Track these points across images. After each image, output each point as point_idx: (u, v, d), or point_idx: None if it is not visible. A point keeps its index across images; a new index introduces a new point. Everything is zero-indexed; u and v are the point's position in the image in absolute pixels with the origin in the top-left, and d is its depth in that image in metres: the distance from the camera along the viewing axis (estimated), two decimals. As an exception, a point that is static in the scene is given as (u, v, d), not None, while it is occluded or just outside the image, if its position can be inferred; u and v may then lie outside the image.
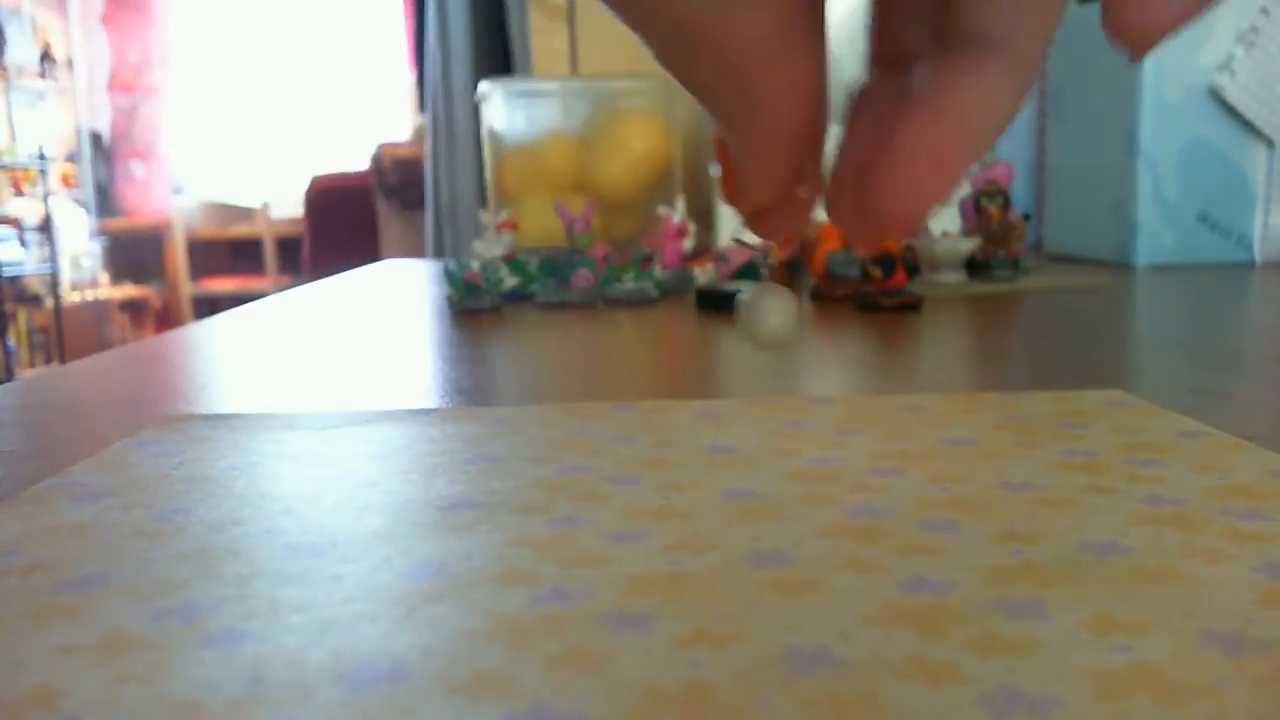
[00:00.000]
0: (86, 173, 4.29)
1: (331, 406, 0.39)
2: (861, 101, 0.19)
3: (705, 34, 0.16)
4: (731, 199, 0.20)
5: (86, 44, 4.34)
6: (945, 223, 1.07)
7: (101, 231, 4.30)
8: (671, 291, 0.79)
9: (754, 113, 0.17)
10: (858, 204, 0.17)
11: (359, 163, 3.38)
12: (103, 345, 3.94)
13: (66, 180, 4.12)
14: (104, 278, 4.28)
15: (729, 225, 1.19)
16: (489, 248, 0.85)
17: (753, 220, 0.20)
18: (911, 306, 0.65)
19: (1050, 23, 0.17)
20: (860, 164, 0.17)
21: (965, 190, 0.82)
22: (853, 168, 0.18)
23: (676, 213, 0.84)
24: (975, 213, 0.81)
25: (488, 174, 1.14)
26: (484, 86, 1.13)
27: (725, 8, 0.16)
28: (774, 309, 0.29)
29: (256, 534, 0.24)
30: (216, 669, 0.17)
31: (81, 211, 4.17)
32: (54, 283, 3.64)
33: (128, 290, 4.29)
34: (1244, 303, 0.65)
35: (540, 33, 1.45)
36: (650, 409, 0.37)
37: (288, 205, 4.14)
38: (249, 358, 0.52)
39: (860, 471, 0.28)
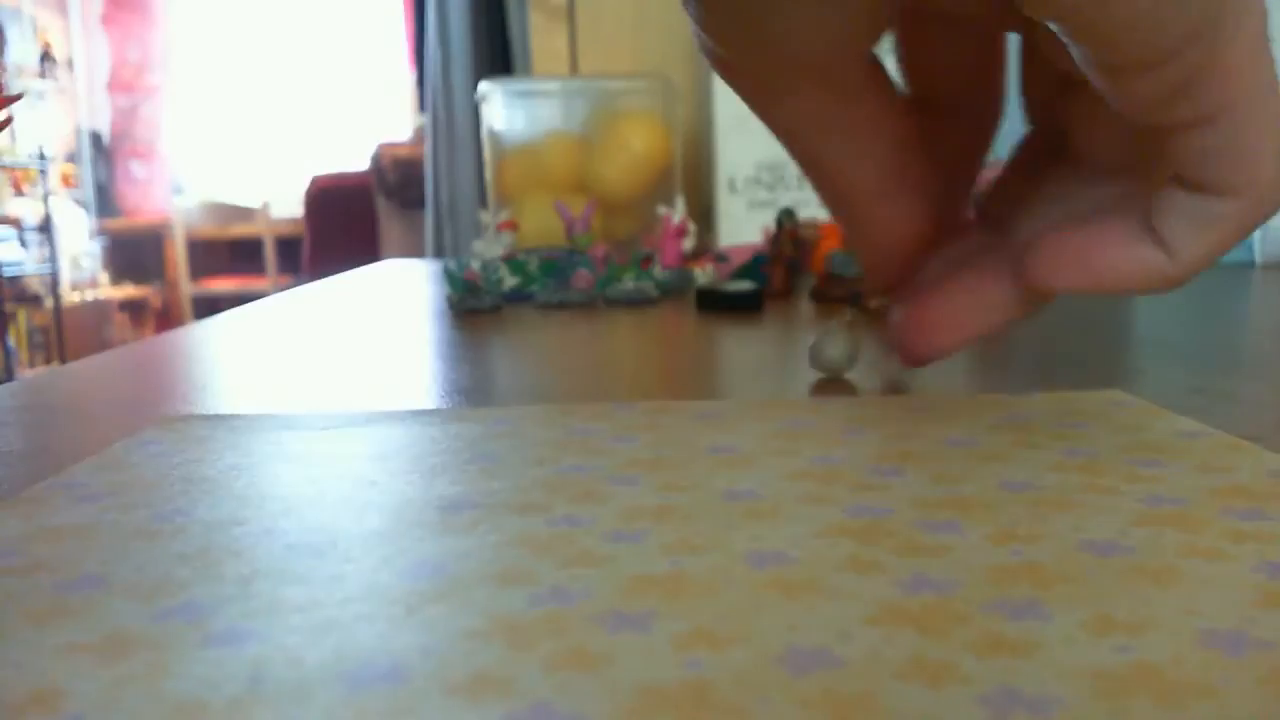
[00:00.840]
0: (86, 173, 4.29)
1: (331, 406, 0.39)
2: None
3: (822, 167, 0.21)
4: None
5: (86, 44, 4.34)
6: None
7: (101, 231, 4.30)
8: (671, 291, 0.79)
9: (862, 238, 0.22)
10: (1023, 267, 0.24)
11: (359, 163, 3.38)
12: (103, 345, 3.94)
13: (66, 180, 4.12)
14: (104, 278, 4.28)
15: (729, 225, 1.19)
16: (489, 248, 0.85)
17: (904, 339, 0.26)
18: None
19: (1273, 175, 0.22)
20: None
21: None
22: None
23: (676, 213, 0.84)
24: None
25: (488, 174, 1.14)
26: (484, 86, 1.13)
27: (837, 153, 0.21)
28: (835, 344, 0.42)
29: (257, 534, 0.24)
30: (217, 668, 0.17)
31: (81, 211, 4.17)
32: (54, 283, 3.64)
33: (128, 290, 4.29)
34: (1244, 303, 0.65)
35: (540, 33, 1.45)
36: (650, 409, 0.37)
37: (288, 205, 4.14)
38: (249, 358, 0.52)
39: (860, 471, 0.28)
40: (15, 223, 3.61)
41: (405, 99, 3.97)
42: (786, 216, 0.78)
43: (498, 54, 2.06)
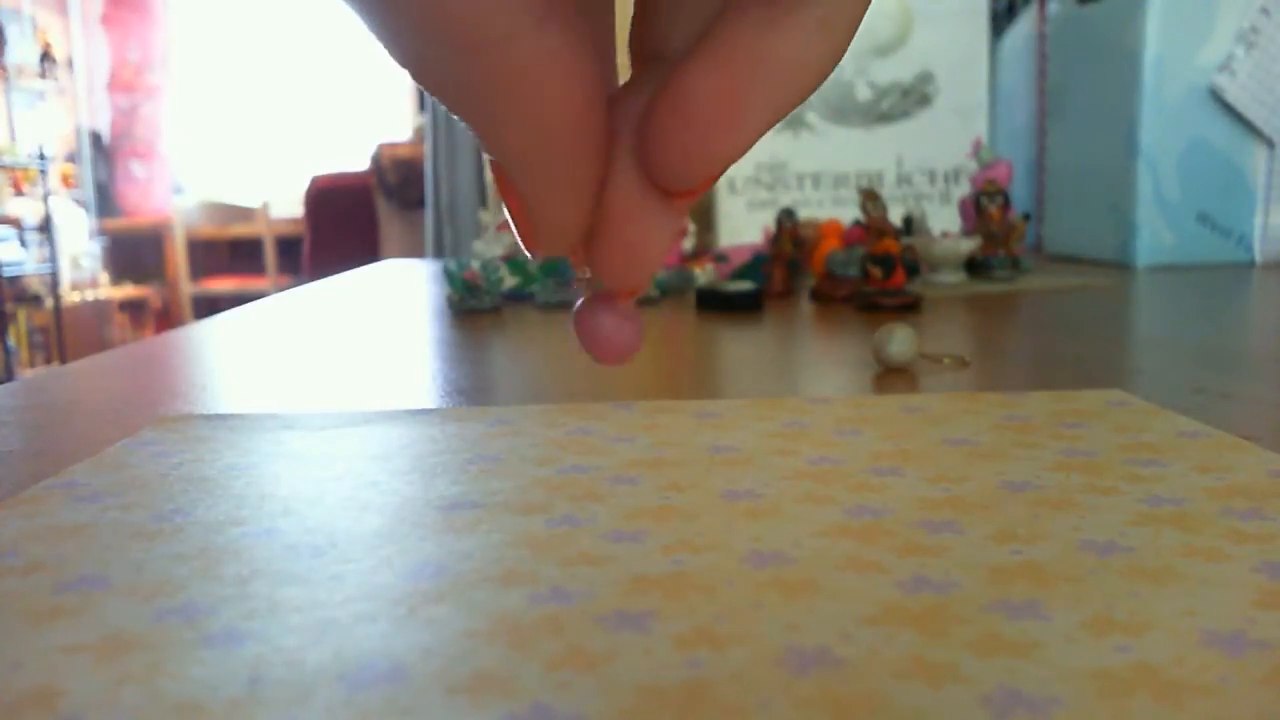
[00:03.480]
0: (86, 173, 4.29)
1: (331, 406, 0.39)
2: (623, 91, 0.16)
3: (442, 10, 0.13)
4: (533, 241, 0.16)
5: (86, 44, 4.34)
6: (945, 223, 1.07)
7: (101, 231, 4.30)
8: (671, 291, 0.79)
9: (511, 97, 0.14)
10: (642, 162, 0.15)
11: (359, 163, 3.38)
12: (103, 345, 3.94)
13: (66, 180, 4.12)
14: (104, 278, 4.28)
15: (729, 225, 1.19)
16: (489, 248, 0.85)
17: (597, 252, 0.16)
18: (911, 306, 0.65)
19: None
20: (639, 117, 0.15)
21: (965, 190, 0.81)
22: (629, 124, 0.15)
23: (676, 213, 0.84)
24: (975, 213, 0.81)
25: (488, 174, 1.14)
26: (484, 86, 1.12)
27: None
28: (897, 340, 0.43)
29: (256, 534, 0.24)
30: (216, 669, 0.17)
31: (81, 211, 4.17)
32: (54, 283, 3.64)
33: (128, 290, 4.29)
34: (1244, 303, 0.65)
35: (540, 33, 1.45)
36: (650, 409, 0.37)
37: (288, 205, 4.14)
38: (249, 358, 0.52)
39: (860, 471, 0.28)
40: (15, 223, 3.60)
41: (405, 99, 3.97)
42: (786, 216, 0.78)
43: (498, 54, 2.06)
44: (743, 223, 1.20)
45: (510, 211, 0.16)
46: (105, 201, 4.39)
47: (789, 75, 0.15)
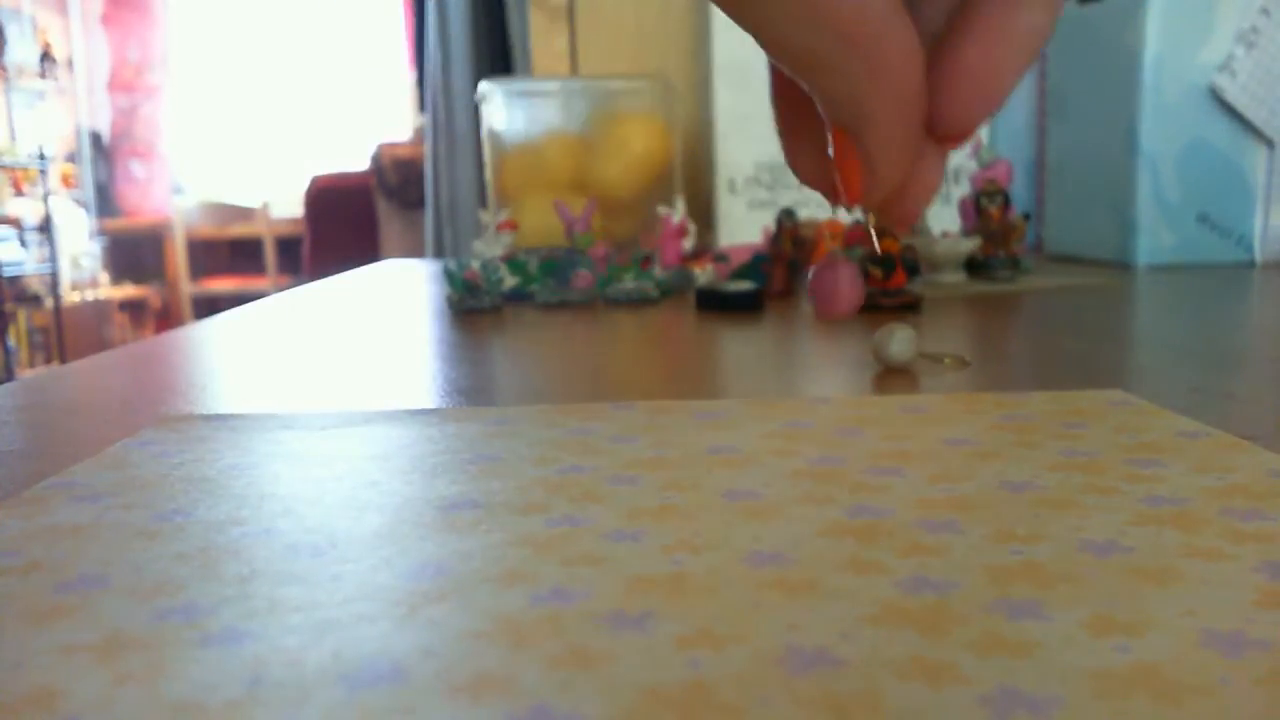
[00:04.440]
0: (86, 173, 4.29)
1: (331, 406, 0.39)
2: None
3: (830, 12, 0.18)
4: (861, 192, 0.21)
5: (86, 44, 4.34)
6: (945, 223, 1.07)
7: (101, 231, 4.30)
8: (671, 291, 0.79)
9: (878, 79, 0.19)
10: (926, 120, 0.20)
11: (359, 163, 3.38)
12: (103, 345, 3.94)
13: (66, 180, 4.13)
14: (104, 278, 4.28)
15: (729, 225, 1.19)
16: (489, 248, 0.85)
17: (884, 207, 0.21)
18: (911, 306, 0.65)
19: None
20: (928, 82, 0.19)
21: (965, 190, 0.81)
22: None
23: (676, 213, 0.84)
24: (975, 213, 0.81)
25: (488, 174, 1.14)
26: (484, 86, 1.13)
27: None
28: (897, 340, 0.43)
29: (256, 534, 0.24)
30: (216, 669, 0.17)
31: (81, 211, 4.17)
32: (54, 283, 3.64)
33: (128, 290, 4.29)
34: (1244, 303, 0.65)
35: (540, 33, 1.45)
36: (650, 409, 0.37)
37: (288, 205, 4.14)
38: (249, 358, 0.52)
39: (860, 471, 0.28)
40: (15, 223, 3.61)
41: (405, 99, 3.97)
42: (786, 216, 0.78)
43: (498, 54, 2.06)
44: (743, 223, 1.19)
45: (842, 170, 0.21)
46: (105, 201, 4.39)
47: (1030, 43, 0.19)
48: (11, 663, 0.17)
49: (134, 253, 4.39)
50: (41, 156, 3.59)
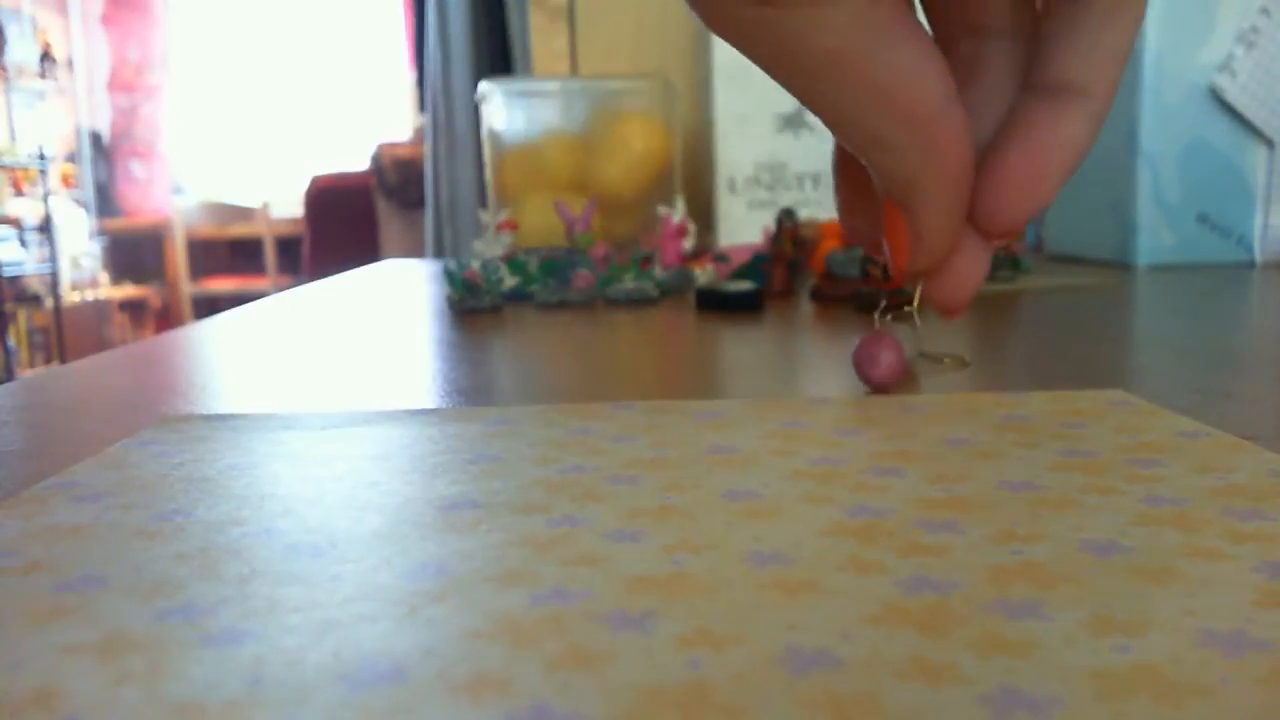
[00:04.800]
0: (86, 173, 4.29)
1: (331, 406, 0.39)
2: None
3: (894, 96, 0.19)
4: (909, 262, 0.23)
5: (86, 44, 4.34)
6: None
7: (101, 231, 4.30)
8: (671, 291, 0.79)
9: (931, 160, 0.20)
10: (974, 217, 0.22)
11: (359, 163, 3.39)
12: (103, 345, 3.94)
13: (66, 180, 4.13)
14: (104, 278, 4.28)
15: (729, 225, 1.19)
16: (489, 248, 0.85)
17: (934, 282, 0.23)
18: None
19: (1119, 71, 0.21)
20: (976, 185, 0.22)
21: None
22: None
23: (676, 213, 0.84)
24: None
25: (488, 174, 1.14)
26: (484, 86, 1.13)
27: (911, 75, 0.19)
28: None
29: (256, 534, 0.24)
30: (216, 669, 0.17)
31: (81, 211, 4.17)
32: (54, 283, 3.64)
33: (128, 290, 4.29)
34: (1244, 303, 0.65)
35: (540, 33, 1.45)
36: (650, 409, 0.37)
37: (288, 205, 4.15)
38: (249, 358, 0.52)
39: (860, 471, 0.28)
40: (15, 223, 3.60)
41: (405, 99, 3.97)
42: (786, 216, 0.78)
43: (498, 54, 2.06)
44: (743, 223, 1.20)
45: (891, 239, 0.23)
46: (105, 201, 4.39)
47: (1073, 152, 0.21)
48: (11, 663, 0.17)
49: (134, 253, 4.39)
50: (41, 156, 3.59)
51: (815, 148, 1.17)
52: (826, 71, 0.19)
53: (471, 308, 0.71)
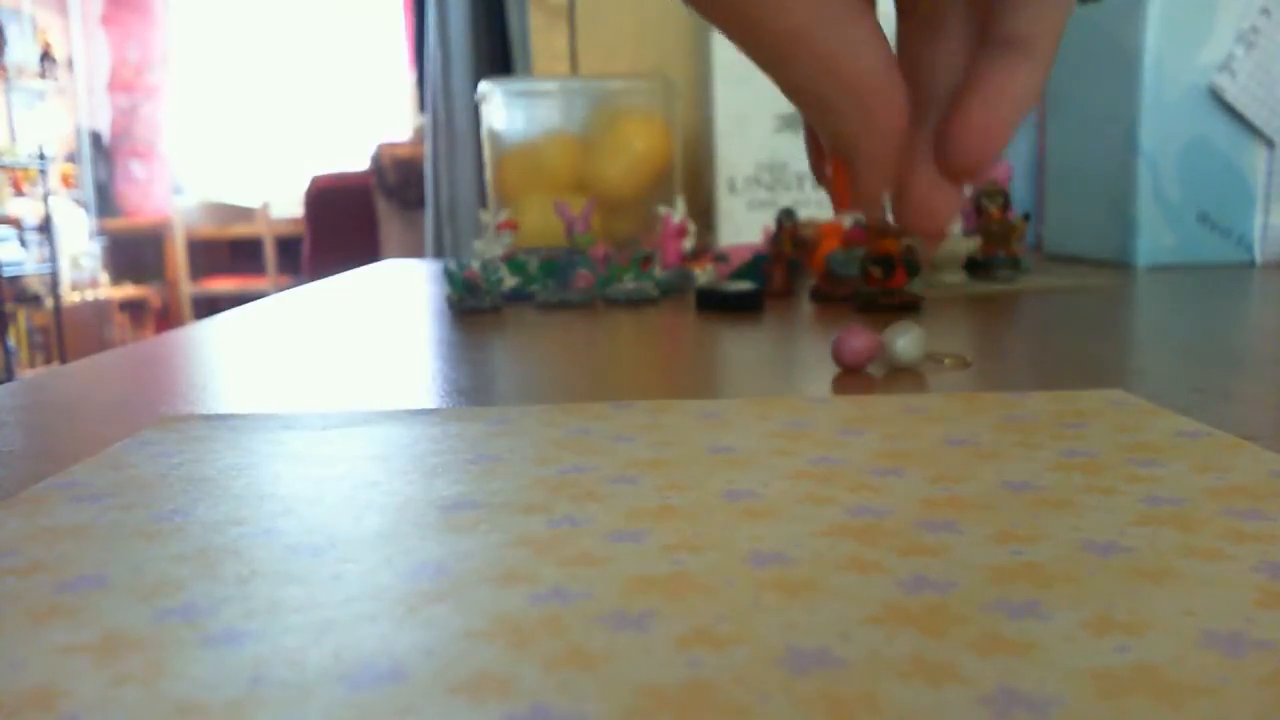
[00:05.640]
0: (86, 173, 4.29)
1: (331, 406, 0.39)
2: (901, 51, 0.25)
3: (842, 68, 0.22)
4: (849, 202, 0.26)
5: (86, 44, 4.34)
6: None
7: (101, 231, 4.30)
8: (671, 291, 0.79)
9: (871, 121, 0.23)
10: (939, 162, 0.24)
11: (359, 163, 3.38)
12: (103, 345, 3.94)
13: (66, 180, 4.13)
14: (104, 278, 4.28)
15: (729, 225, 1.19)
16: (489, 248, 0.85)
17: (915, 216, 0.26)
18: (911, 306, 0.65)
19: (1061, 25, 0.24)
20: (935, 134, 0.24)
21: (965, 191, 0.81)
22: (925, 139, 0.25)
23: (676, 213, 0.84)
24: (975, 213, 0.81)
25: (488, 174, 1.14)
26: (484, 86, 1.13)
27: (858, 51, 0.22)
28: (910, 338, 0.44)
29: (256, 534, 0.24)
30: (216, 669, 0.17)
31: (81, 211, 4.17)
32: (54, 283, 3.64)
33: (128, 290, 4.29)
34: (1244, 303, 0.65)
35: (540, 33, 1.45)
36: (650, 409, 0.37)
37: (288, 205, 4.15)
38: (249, 358, 0.52)
39: (860, 471, 0.28)
40: (15, 223, 3.60)
41: (405, 99, 3.97)
42: (786, 216, 0.78)
43: (498, 54, 2.06)
44: (743, 223, 1.19)
45: (836, 186, 0.26)
46: (105, 201, 4.39)
47: (1025, 100, 0.23)
48: (11, 663, 0.17)
49: (134, 253, 4.39)
50: (41, 156, 3.59)
51: (815, 148, 1.17)
52: (787, 46, 0.22)
53: (471, 308, 0.71)
